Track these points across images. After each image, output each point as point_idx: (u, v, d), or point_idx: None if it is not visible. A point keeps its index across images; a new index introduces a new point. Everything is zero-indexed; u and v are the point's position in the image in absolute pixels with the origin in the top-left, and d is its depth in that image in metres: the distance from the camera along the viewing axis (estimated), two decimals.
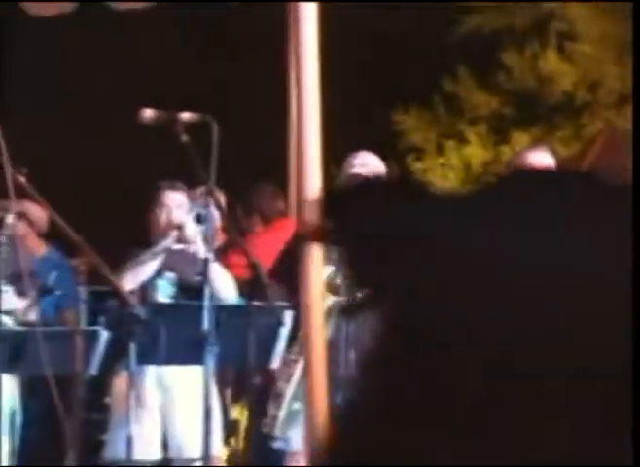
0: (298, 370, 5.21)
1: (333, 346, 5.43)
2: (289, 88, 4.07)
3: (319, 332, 3.94)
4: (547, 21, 11.65)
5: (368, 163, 5.65)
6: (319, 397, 3.88)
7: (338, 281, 5.51)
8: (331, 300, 5.51)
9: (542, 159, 5.57)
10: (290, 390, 5.51)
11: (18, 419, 5.63)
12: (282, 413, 5.66)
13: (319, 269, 3.91)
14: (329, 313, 5.49)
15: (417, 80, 9.24)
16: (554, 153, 5.71)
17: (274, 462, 5.77)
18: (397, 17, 6.82)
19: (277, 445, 5.66)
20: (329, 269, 5.52)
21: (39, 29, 6.91)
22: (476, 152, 11.89)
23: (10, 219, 5.16)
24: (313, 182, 3.90)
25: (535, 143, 9.13)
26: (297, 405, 5.32)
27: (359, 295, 4.81)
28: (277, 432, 5.61)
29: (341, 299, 5.53)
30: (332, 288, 5.41)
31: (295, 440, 5.38)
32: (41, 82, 4.72)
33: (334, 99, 4.15)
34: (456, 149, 12.09)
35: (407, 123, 10.70)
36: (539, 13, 11.66)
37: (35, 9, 6.89)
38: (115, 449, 5.69)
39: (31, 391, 5.52)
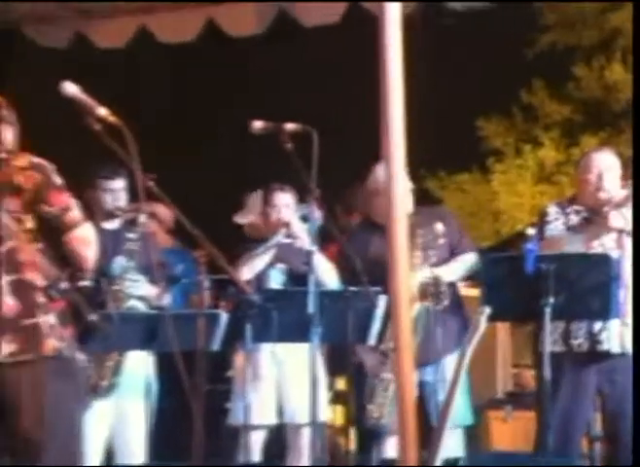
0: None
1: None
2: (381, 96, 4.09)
3: (406, 314, 3.96)
4: (612, 38, 11.59)
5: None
6: (407, 377, 3.90)
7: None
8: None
9: (608, 159, 5.54)
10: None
11: (154, 390, 5.74)
12: (383, 401, 5.71)
13: (405, 256, 3.94)
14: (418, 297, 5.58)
15: (498, 91, 9.21)
16: (619, 154, 5.67)
17: (374, 431, 5.79)
18: (481, 35, 6.79)
19: (378, 416, 5.70)
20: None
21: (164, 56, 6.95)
22: (549, 154, 11.88)
23: (142, 218, 5.27)
24: (400, 182, 3.95)
25: (602, 145, 9.07)
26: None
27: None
28: (379, 414, 5.66)
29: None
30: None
31: (393, 412, 5.41)
32: (164, 96, 4.80)
33: (426, 107, 4.18)
34: (532, 152, 12.08)
35: (488, 129, 10.71)
36: (605, 30, 11.61)
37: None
38: (236, 416, 5.78)
39: (163, 366, 5.59)
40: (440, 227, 5.67)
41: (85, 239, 4.26)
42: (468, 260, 5.89)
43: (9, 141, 4.32)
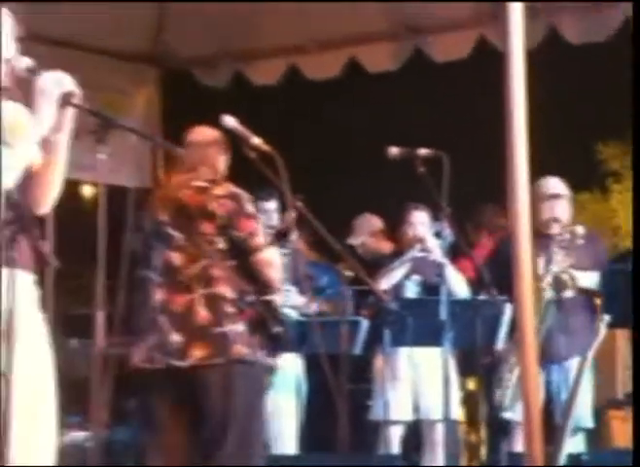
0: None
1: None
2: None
3: (530, 320, 3.92)
4: None
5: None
6: (532, 375, 3.86)
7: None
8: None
9: None
10: (515, 367, 5.50)
11: (304, 388, 5.79)
12: (509, 392, 5.66)
13: (529, 266, 3.91)
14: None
15: (615, 117, 9.01)
16: None
17: (503, 427, 5.74)
18: (599, 65, 6.68)
19: (506, 414, 5.64)
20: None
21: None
22: None
23: (293, 236, 5.33)
24: (524, 201, 3.93)
25: None
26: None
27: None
28: (506, 403, 5.60)
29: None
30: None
31: (519, 410, 5.36)
32: (312, 127, 4.86)
33: (549, 133, 4.14)
34: None
35: (606, 152, 10.52)
36: None
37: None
38: (377, 412, 5.81)
39: (311, 367, 5.64)
40: (580, 229, 5.55)
41: (267, 262, 4.34)
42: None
43: (220, 170, 4.45)
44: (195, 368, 4.26)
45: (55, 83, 3.15)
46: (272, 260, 4.39)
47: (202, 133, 4.52)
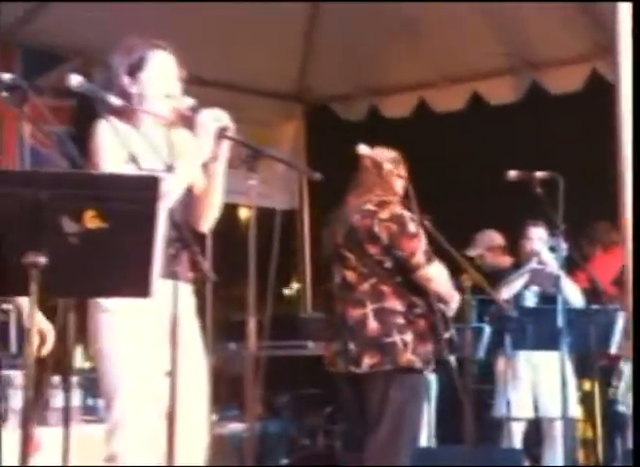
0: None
1: None
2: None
3: None
4: None
5: None
6: None
7: None
8: None
9: None
10: (628, 367, 5.39)
11: (434, 388, 5.77)
12: (622, 385, 5.54)
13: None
14: None
15: None
16: None
17: (618, 421, 5.63)
18: None
19: (620, 408, 5.53)
20: None
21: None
22: None
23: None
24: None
25: None
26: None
27: None
28: (620, 398, 5.49)
29: None
30: None
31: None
32: (441, 156, 4.87)
33: None
34: None
35: None
36: None
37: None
38: (500, 410, 5.74)
39: (439, 368, 5.60)
40: None
41: (427, 278, 4.34)
42: None
43: (395, 191, 4.48)
44: (367, 374, 4.32)
45: (213, 118, 3.21)
46: (432, 276, 4.35)
47: (377, 156, 4.51)
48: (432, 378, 5.70)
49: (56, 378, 4.73)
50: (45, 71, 6.15)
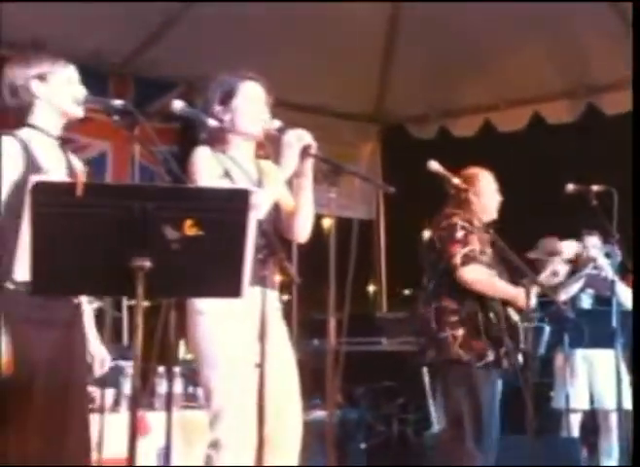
0: None
1: None
2: None
3: None
4: None
5: None
6: None
7: None
8: None
9: None
10: None
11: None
12: None
13: None
14: None
15: None
16: None
17: None
18: None
19: None
20: None
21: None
22: None
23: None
24: None
25: None
26: None
27: None
28: None
29: None
30: None
31: None
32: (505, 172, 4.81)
33: None
34: None
35: None
36: None
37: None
38: (559, 401, 5.67)
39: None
40: None
41: (464, 279, 4.34)
42: None
43: (466, 205, 4.47)
44: (431, 364, 4.54)
45: (297, 138, 3.23)
46: (467, 277, 4.34)
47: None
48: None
49: (162, 368, 4.79)
50: (155, 97, 6.27)
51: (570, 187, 4.73)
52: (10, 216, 2.84)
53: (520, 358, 4.47)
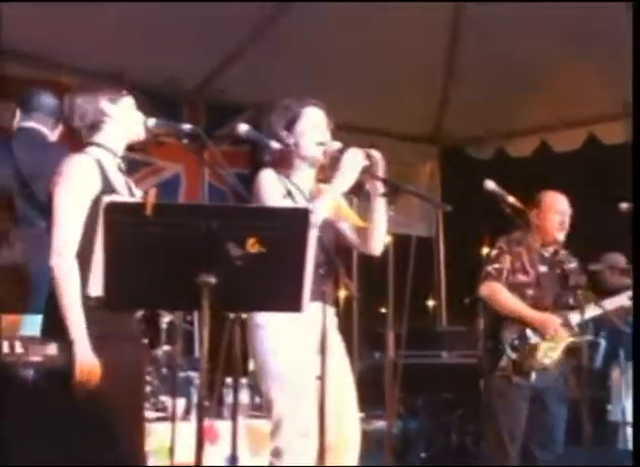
0: None
1: None
2: None
3: None
4: None
5: None
6: None
7: None
8: None
9: None
10: None
11: None
12: None
13: None
14: None
15: None
16: None
17: None
18: None
19: None
20: None
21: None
22: None
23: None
24: None
25: None
26: None
27: None
28: None
29: None
30: None
31: None
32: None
33: None
34: None
35: None
36: None
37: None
38: (615, 414, 5.53)
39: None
40: None
41: (481, 295, 4.40)
42: None
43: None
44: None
45: (356, 157, 3.23)
46: (482, 293, 4.43)
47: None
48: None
49: (229, 379, 4.80)
50: (226, 122, 6.33)
51: (624, 205, 4.64)
52: (88, 234, 2.88)
53: (534, 376, 4.39)
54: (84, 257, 2.84)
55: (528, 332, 4.42)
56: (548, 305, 4.49)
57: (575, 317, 4.46)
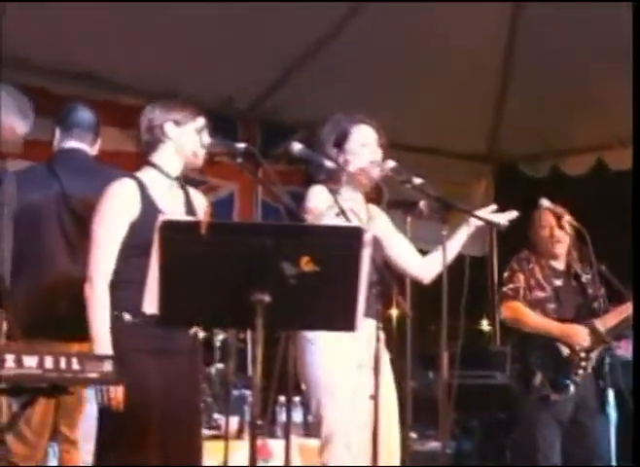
0: None
1: None
2: None
3: None
4: None
5: None
6: None
7: None
8: None
9: None
10: None
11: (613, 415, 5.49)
12: None
13: None
14: None
15: None
16: None
17: None
18: None
19: None
20: None
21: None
22: None
23: None
24: None
25: None
26: None
27: None
28: None
29: None
30: None
31: None
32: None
33: None
34: None
35: None
36: None
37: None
38: None
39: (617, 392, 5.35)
40: None
41: (501, 318, 4.49)
42: None
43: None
44: None
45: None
46: (502, 316, 4.49)
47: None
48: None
49: (282, 398, 4.80)
50: (280, 140, 6.37)
51: None
52: (128, 254, 2.92)
53: (572, 389, 4.31)
54: (122, 279, 2.91)
55: (558, 346, 4.35)
56: (571, 317, 4.45)
57: (601, 325, 4.40)
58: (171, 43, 5.46)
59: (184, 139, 3.12)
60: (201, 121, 3.17)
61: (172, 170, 3.14)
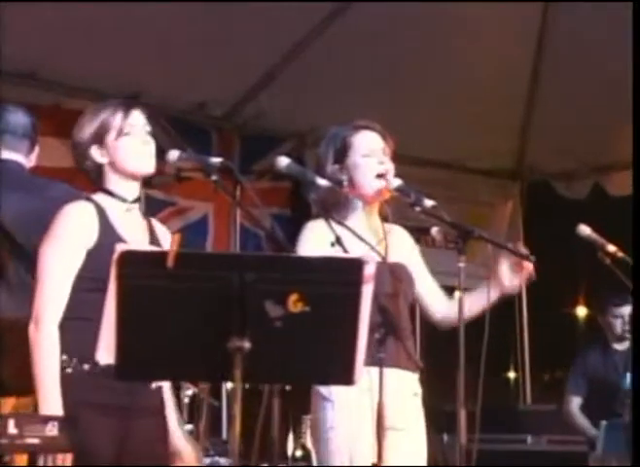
0: None
1: None
2: None
3: None
4: None
5: None
6: None
7: None
8: None
9: None
10: None
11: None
12: None
13: None
14: None
15: None
16: None
17: None
18: None
19: None
20: None
21: None
22: None
23: None
24: None
25: None
26: None
27: None
28: None
29: None
30: None
31: None
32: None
33: None
34: None
35: None
36: None
37: None
38: None
39: None
40: None
41: None
42: None
43: None
44: None
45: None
46: None
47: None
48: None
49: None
50: (263, 153, 6.39)
51: None
52: (81, 287, 2.92)
53: None
54: (72, 316, 2.90)
55: None
56: None
57: None
58: (134, 40, 5.49)
59: (117, 157, 3.05)
60: (131, 118, 3.07)
61: (125, 193, 3.09)
